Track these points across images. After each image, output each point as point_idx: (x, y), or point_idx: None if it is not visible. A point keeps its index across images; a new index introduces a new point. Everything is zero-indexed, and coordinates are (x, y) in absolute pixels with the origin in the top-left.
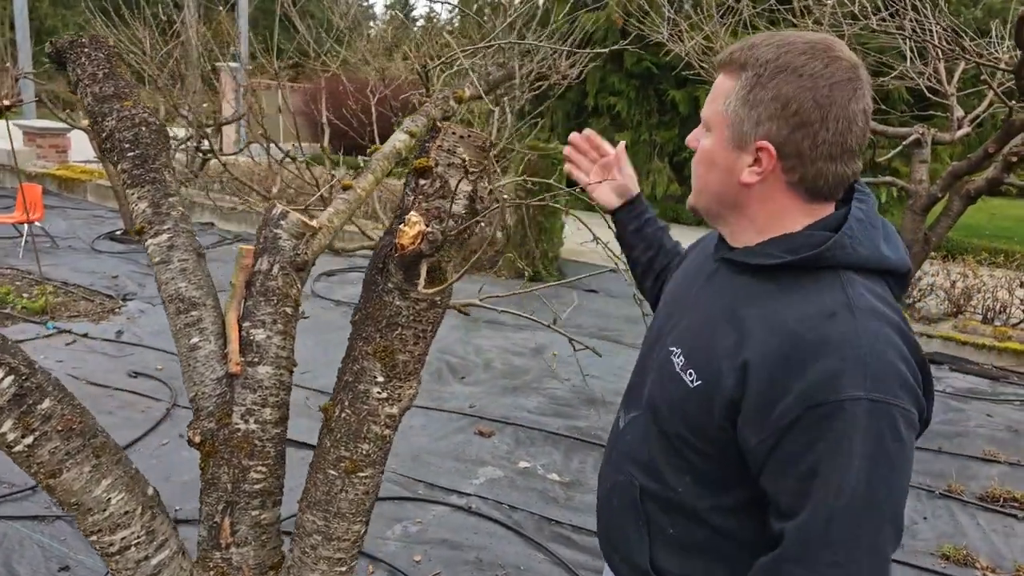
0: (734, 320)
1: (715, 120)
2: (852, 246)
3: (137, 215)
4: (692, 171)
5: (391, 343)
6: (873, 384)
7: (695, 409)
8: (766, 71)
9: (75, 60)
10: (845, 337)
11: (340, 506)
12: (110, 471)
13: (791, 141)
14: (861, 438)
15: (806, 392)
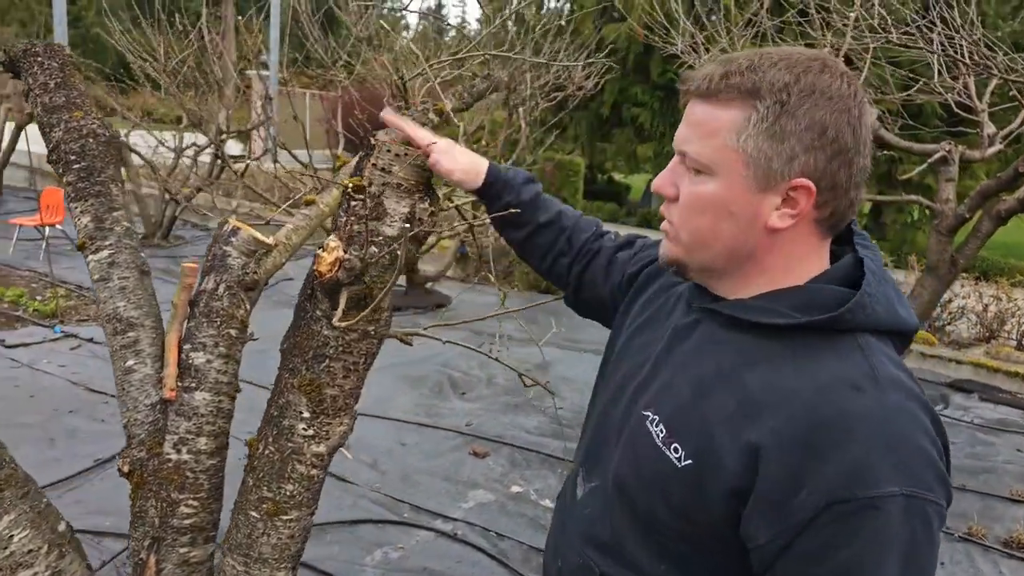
0: (733, 386)
1: (725, 159)
2: (872, 306)
3: (79, 229)
4: (678, 222)
5: (318, 376)
6: (907, 477)
7: (682, 491)
8: (791, 96)
9: (28, 69)
10: (873, 417)
11: (262, 551)
12: (13, 506)
13: (828, 173)
14: (894, 541)
15: (831, 484)
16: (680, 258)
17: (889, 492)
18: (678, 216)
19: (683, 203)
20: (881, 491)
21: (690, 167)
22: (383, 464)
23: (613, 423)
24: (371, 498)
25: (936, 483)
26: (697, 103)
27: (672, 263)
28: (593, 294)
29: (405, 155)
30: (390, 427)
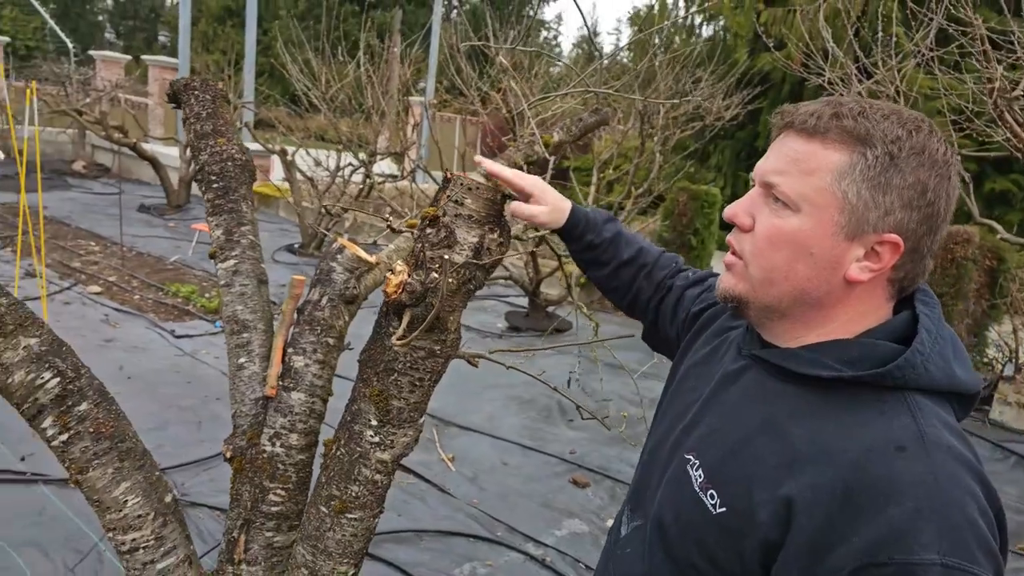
0: (775, 438)
1: (821, 200)
2: (924, 365)
3: (213, 240)
4: (749, 255)
5: (387, 388)
6: (951, 546)
7: (715, 539)
8: (901, 151)
9: (186, 101)
10: (919, 481)
11: (327, 544)
12: (130, 475)
13: (917, 234)
14: None
15: (869, 545)
16: (743, 294)
17: (929, 560)
18: (751, 248)
19: (760, 235)
20: (920, 558)
21: (775, 198)
22: (483, 481)
23: (659, 463)
24: (468, 512)
25: (983, 555)
26: (798, 139)
27: (733, 299)
28: (664, 331)
29: (477, 189)
30: (495, 445)
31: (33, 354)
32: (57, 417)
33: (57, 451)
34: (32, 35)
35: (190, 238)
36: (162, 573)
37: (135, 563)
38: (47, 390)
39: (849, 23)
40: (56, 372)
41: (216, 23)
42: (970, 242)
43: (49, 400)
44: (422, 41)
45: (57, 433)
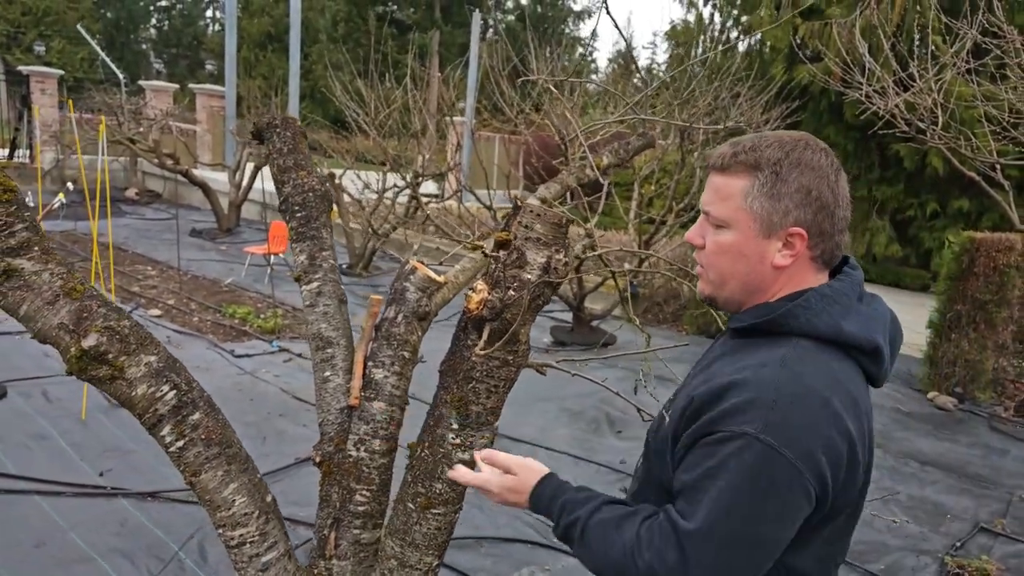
0: (706, 369)
1: (737, 216)
2: (806, 317)
3: (297, 264)
4: (706, 265)
5: (466, 394)
6: (767, 428)
7: (666, 448)
8: (782, 167)
9: (269, 137)
10: (762, 382)
11: (415, 537)
12: (236, 477)
13: (816, 223)
14: (735, 470)
15: (707, 422)
16: (711, 293)
17: (743, 431)
18: (706, 260)
19: (709, 250)
20: (738, 430)
21: (712, 223)
22: None
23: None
24: (524, 520)
25: (801, 451)
26: (716, 175)
27: (706, 298)
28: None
29: (544, 215)
30: (547, 456)
31: (153, 370)
32: (174, 426)
33: (173, 456)
34: (80, 66)
35: (242, 261)
36: (266, 565)
37: (243, 556)
38: (165, 402)
39: (885, 37)
40: (172, 385)
41: (257, 49)
42: (1012, 249)
43: (167, 411)
44: (457, 63)
45: (174, 440)
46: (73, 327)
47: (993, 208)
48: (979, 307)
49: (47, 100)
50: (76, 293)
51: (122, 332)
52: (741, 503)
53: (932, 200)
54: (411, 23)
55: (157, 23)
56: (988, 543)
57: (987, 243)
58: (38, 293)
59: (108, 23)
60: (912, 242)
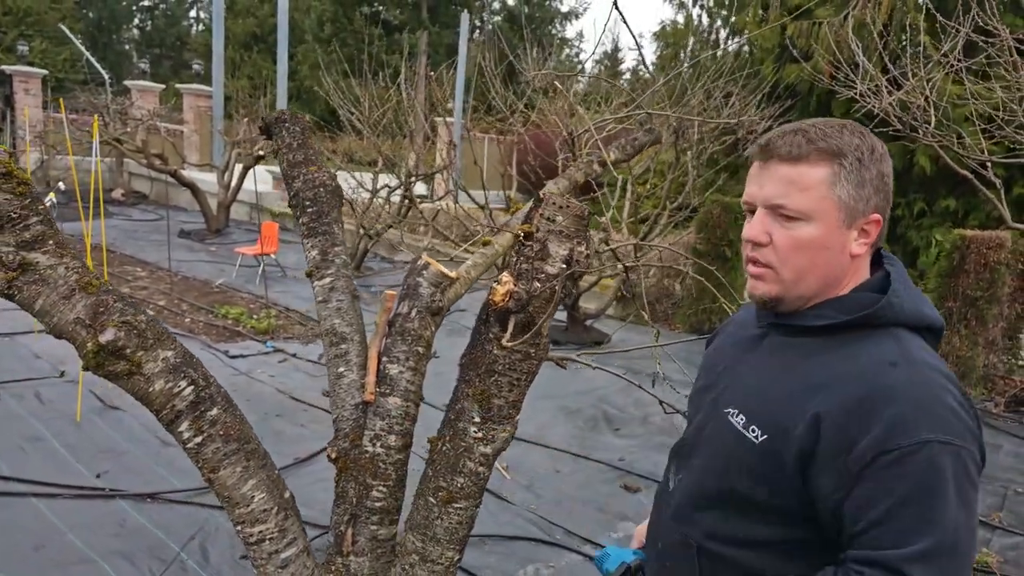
0: (796, 374)
1: (821, 207)
2: (900, 305)
3: (309, 260)
4: (777, 263)
5: (488, 388)
6: (940, 429)
7: (759, 462)
8: (863, 154)
9: (278, 132)
10: (909, 384)
11: (436, 531)
12: (255, 473)
13: (885, 209)
14: (939, 478)
15: (879, 438)
16: (779, 294)
17: (925, 439)
18: (777, 258)
19: (783, 246)
20: (919, 439)
21: (785, 215)
22: (539, 488)
23: (695, 427)
24: (526, 517)
25: (967, 434)
26: (783, 166)
27: (771, 299)
28: None
29: (567, 207)
30: (547, 454)
31: (170, 365)
32: (192, 421)
33: (191, 453)
34: (62, 66)
35: (233, 262)
36: (285, 562)
37: (261, 553)
38: (183, 397)
39: (877, 35)
40: (190, 381)
41: (242, 49)
42: (1003, 247)
43: (185, 406)
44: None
45: (192, 436)
46: (90, 322)
47: (980, 207)
48: (970, 304)
49: (31, 100)
50: (92, 288)
51: (139, 327)
52: (958, 508)
53: (919, 199)
54: (398, 23)
55: (140, 23)
56: (987, 536)
57: (978, 241)
58: (54, 287)
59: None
60: (899, 241)
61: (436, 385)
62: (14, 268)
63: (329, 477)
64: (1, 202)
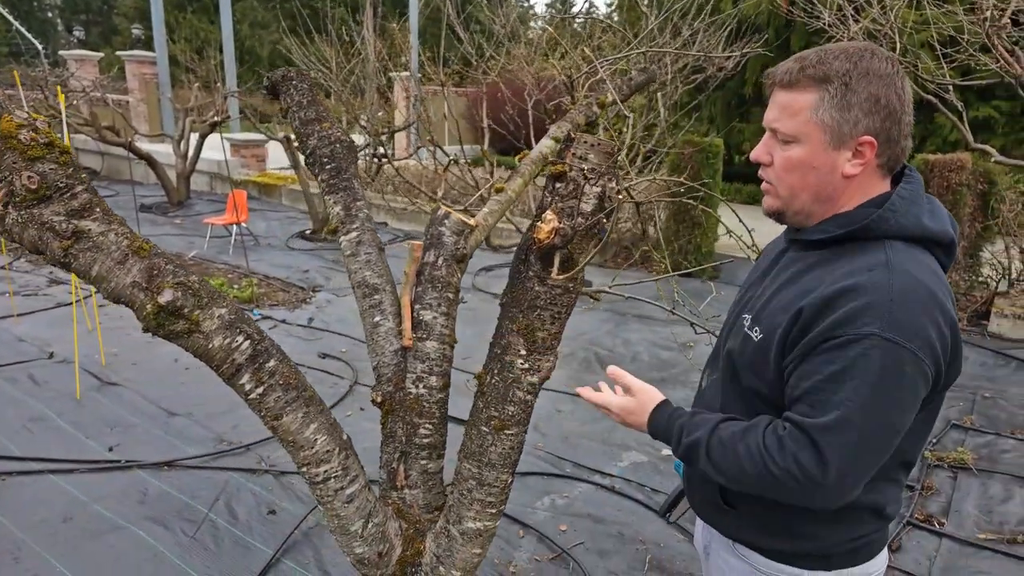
0: (796, 283)
1: (806, 130)
2: (895, 219)
3: (333, 217)
4: (775, 181)
5: (532, 322)
6: (890, 326)
7: (759, 359)
8: (851, 78)
9: (285, 91)
10: (876, 285)
11: (491, 457)
12: (315, 418)
13: (884, 130)
14: (867, 370)
15: (829, 326)
16: (779, 208)
17: (868, 332)
18: (775, 176)
19: (778, 166)
20: (863, 331)
21: (780, 139)
22: (544, 427)
23: (725, 330)
24: (536, 455)
25: (920, 342)
26: (781, 92)
27: (774, 212)
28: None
29: (598, 144)
30: (546, 397)
31: (226, 322)
32: (252, 374)
33: (254, 403)
34: None
35: (202, 233)
36: (350, 497)
37: (328, 491)
38: (242, 351)
39: None
40: (246, 336)
41: (176, 11)
42: (964, 168)
43: (244, 360)
44: (399, 14)
45: (254, 387)
46: (146, 284)
47: (937, 132)
48: None
49: None
50: (144, 251)
51: (194, 287)
52: (874, 397)
53: None
54: None
55: None
56: (960, 437)
57: (940, 164)
58: (108, 254)
59: None
60: None
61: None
62: (68, 236)
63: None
64: (48, 172)
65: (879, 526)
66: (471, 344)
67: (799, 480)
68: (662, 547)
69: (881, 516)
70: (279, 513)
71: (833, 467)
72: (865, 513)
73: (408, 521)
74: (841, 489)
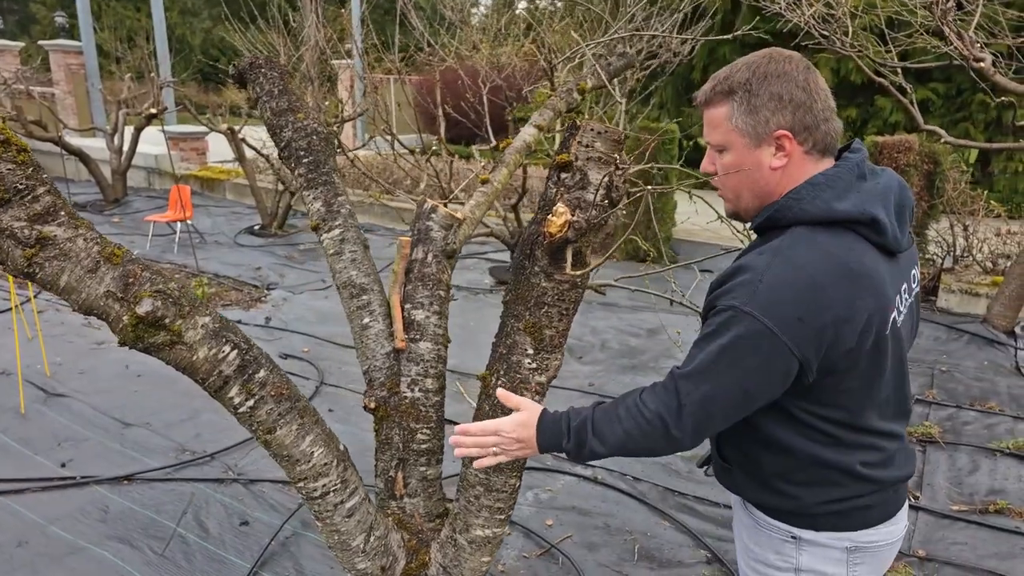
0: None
1: (728, 138)
2: (799, 207)
3: (312, 213)
4: (721, 189)
5: (539, 320)
6: (749, 301)
7: None
8: (752, 84)
9: (254, 80)
10: (754, 268)
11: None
12: (311, 429)
13: (796, 121)
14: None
15: (714, 297)
16: (733, 209)
17: (732, 305)
18: (720, 183)
19: (720, 174)
20: (730, 304)
21: (715, 150)
22: None
23: None
24: None
25: (780, 319)
26: (705, 109)
27: (731, 214)
28: None
29: (605, 132)
30: None
31: (210, 331)
32: (242, 386)
33: (244, 417)
34: None
35: (144, 232)
36: (351, 511)
37: (326, 506)
38: (229, 362)
39: None
40: (233, 345)
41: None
42: (911, 150)
43: (232, 371)
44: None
45: (243, 400)
46: (122, 294)
47: (877, 115)
48: None
49: None
50: (116, 258)
51: (174, 295)
52: (723, 358)
53: None
54: None
55: None
56: (924, 411)
57: (889, 145)
58: (77, 262)
59: None
60: None
61: None
62: (32, 244)
63: None
64: (4, 173)
65: (866, 489)
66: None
67: (664, 420)
68: (649, 536)
69: (862, 479)
70: (252, 524)
71: (687, 411)
72: (839, 475)
73: (410, 531)
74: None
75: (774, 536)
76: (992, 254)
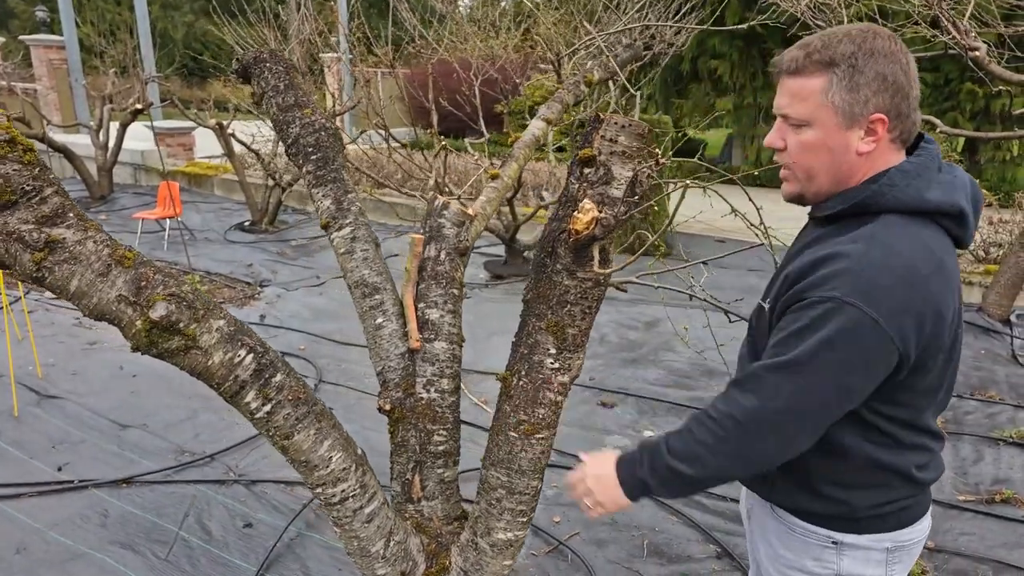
0: (800, 254)
1: (818, 114)
2: (892, 193)
3: (322, 211)
4: (792, 164)
5: (561, 319)
6: (852, 291)
7: (766, 326)
8: (858, 59)
9: (259, 74)
10: (851, 254)
11: (521, 464)
12: (329, 433)
13: (893, 106)
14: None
15: (804, 287)
16: (800, 192)
17: (831, 296)
18: (791, 160)
19: (793, 150)
20: (828, 295)
21: (792, 124)
22: None
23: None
24: None
25: (885, 309)
26: (789, 79)
27: (795, 197)
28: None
29: (629, 126)
30: None
31: (225, 335)
32: (259, 391)
33: (261, 423)
34: None
35: (132, 229)
36: (370, 516)
37: (345, 511)
38: (245, 367)
39: None
40: (248, 349)
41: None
42: None
43: (248, 376)
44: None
45: (260, 405)
46: (134, 298)
47: None
48: None
49: None
50: (128, 261)
51: (188, 298)
52: (825, 353)
53: None
54: None
55: None
56: None
57: None
58: (87, 265)
59: None
60: None
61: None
62: (40, 248)
63: None
64: (11, 174)
65: (912, 492)
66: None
67: (736, 419)
68: (658, 531)
69: (912, 481)
70: (256, 526)
71: (771, 404)
72: (893, 477)
73: (428, 535)
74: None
75: (811, 541)
76: (984, 243)
